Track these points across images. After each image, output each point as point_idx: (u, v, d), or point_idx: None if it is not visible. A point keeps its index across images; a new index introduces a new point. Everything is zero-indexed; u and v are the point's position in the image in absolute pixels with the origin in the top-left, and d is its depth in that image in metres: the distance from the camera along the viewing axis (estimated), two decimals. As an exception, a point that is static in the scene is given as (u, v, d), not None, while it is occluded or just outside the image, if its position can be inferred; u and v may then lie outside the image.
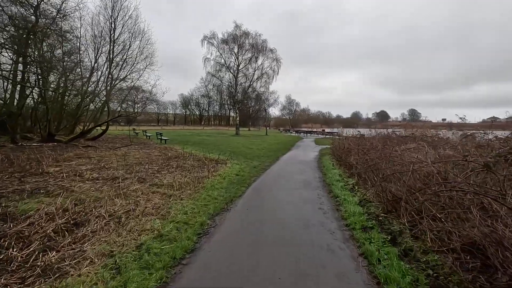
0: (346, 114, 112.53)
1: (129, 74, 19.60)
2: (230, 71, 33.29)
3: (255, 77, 33.72)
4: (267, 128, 44.35)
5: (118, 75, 19.45)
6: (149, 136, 21.01)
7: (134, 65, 19.56)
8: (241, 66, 33.22)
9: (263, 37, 32.80)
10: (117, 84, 19.60)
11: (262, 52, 32.86)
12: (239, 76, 33.41)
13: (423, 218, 3.46)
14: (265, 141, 22.17)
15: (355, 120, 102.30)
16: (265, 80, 34.05)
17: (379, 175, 5.22)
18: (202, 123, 78.91)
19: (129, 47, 19.17)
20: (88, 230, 3.32)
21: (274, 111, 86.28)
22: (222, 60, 32.89)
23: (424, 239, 3.15)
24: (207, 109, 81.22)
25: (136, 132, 25.34)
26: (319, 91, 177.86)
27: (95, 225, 3.49)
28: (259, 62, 33.16)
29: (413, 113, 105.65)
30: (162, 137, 17.55)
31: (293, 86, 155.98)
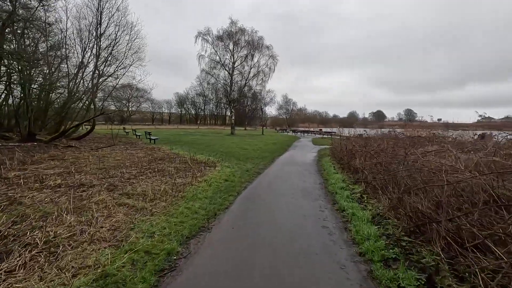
0: (342, 113, 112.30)
1: (117, 70, 18.50)
2: (225, 69, 32.29)
3: (251, 75, 32.77)
4: (264, 127, 43.35)
5: (105, 71, 18.35)
6: (139, 135, 19.96)
7: (122, 60, 18.46)
8: (236, 64, 32.23)
9: (259, 34, 31.86)
10: (103, 80, 18.50)
11: (258, 49, 31.93)
12: (234, 74, 32.42)
13: (466, 248, 2.57)
14: (261, 141, 21.22)
15: (352, 119, 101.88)
16: (261, 78, 33.12)
17: (392, 183, 4.32)
18: (198, 122, 77.59)
19: (116, 42, 18.01)
20: (1, 269, 2.35)
21: (271, 110, 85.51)
22: (217, 57, 31.90)
23: (473, 282, 2.25)
24: (203, 108, 79.89)
25: (126, 131, 24.25)
26: (316, 91, 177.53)
27: (18, 259, 2.52)
28: (255, 59, 32.23)
29: (409, 113, 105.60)
30: (151, 137, 16.51)
31: (290, 85, 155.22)
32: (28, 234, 3.05)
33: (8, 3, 13.10)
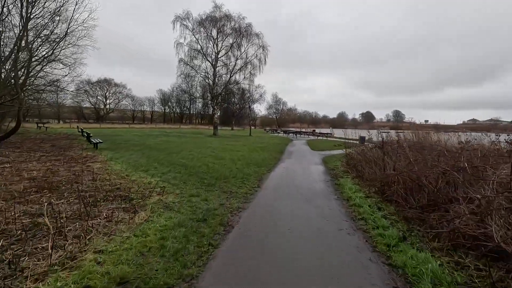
0: (331, 114, 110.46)
1: (55, 50, 13.82)
2: (208, 59, 27.76)
3: (238, 67, 28.34)
4: (252, 127, 39.03)
5: (38, 51, 13.67)
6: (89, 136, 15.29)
7: (64, 37, 13.80)
8: (220, 54, 27.78)
9: (248, 21, 27.58)
10: (38, 63, 13.81)
11: (246, 37, 27.53)
12: (218, 65, 27.95)
13: None
14: (246, 144, 16.99)
15: (341, 120, 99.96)
16: (250, 71, 28.68)
17: None
18: (183, 121, 72.21)
19: (55, 9, 13.35)
20: None
21: (260, 109, 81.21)
22: (198, 46, 27.31)
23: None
24: (188, 106, 74.37)
25: (80, 130, 19.51)
26: (306, 92, 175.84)
27: None
28: (243, 49, 27.82)
29: (397, 114, 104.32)
30: (92, 140, 11.98)
31: (280, 86, 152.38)
32: None
33: None
